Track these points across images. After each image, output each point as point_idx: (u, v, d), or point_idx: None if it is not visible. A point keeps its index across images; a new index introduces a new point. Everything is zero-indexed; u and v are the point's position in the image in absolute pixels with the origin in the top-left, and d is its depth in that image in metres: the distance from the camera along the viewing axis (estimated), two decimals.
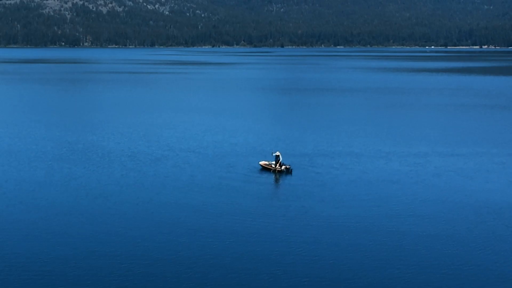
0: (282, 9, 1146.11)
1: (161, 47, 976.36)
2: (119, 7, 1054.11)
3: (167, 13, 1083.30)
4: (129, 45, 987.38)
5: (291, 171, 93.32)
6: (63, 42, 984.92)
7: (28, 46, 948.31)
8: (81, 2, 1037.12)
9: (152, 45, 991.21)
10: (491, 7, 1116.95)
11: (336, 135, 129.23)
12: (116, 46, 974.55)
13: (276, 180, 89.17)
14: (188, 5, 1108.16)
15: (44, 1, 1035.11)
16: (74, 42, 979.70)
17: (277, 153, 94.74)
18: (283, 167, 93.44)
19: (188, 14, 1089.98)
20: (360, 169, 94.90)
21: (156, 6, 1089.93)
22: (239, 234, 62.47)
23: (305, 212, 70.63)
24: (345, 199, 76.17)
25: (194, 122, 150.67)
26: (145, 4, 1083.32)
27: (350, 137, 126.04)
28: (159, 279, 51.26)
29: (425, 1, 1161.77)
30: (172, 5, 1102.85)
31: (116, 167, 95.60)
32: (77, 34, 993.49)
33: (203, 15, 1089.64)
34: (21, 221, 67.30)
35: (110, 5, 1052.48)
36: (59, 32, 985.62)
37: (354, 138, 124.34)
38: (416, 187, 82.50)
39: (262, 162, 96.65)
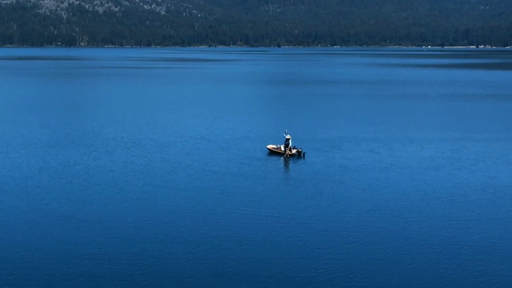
0: (278, 9, 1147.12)
1: (158, 47, 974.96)
2: (116, 7, 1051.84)
3: (163, 13, 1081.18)
4: (126, 45, 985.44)
5: (303, 154, 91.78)
6: (59, 42, 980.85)
7: (24, 46, 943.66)
8: (77, 2, 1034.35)
9: (149, 45, 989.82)
10: (487, 7, 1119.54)
11: (342, 122, 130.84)
12: (113, 46, 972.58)
13: (287, 164, 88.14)
14: (185, 5, 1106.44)
15: (40, 1, 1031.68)
16: (70, 42, 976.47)
17: (288, 136, 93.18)
18: (294, 151, 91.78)
19: (184, 14, 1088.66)
20: (369, 154, 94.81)
21: (153, 6, 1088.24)
22: (257, 220, 61.35)
23: (320, 195, 70.39)
24: (362, 184, 76.24)
25: (199, 111, 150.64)
26: (141, 4, 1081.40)
27: (355, 124, 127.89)
28: (173, 262, 50.56)
29: (421, 1, 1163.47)
30: (168, 5, 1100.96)
31: (122, 154, 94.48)
32: (73, 34, 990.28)
33: (199, 15, 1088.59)
34: (34, 207, 66.14)
35: (106, 5, 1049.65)
36: (55, 32, 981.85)
37: (359, 125, 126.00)
38: (427, 172, 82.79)
39: (270, 146, 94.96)
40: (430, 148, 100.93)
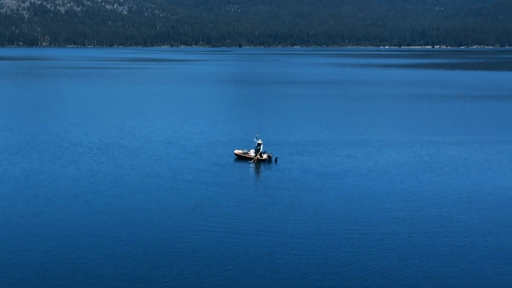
0: (239, 10, 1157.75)
1: (120, 46, 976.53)
2: (77, 6, 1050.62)
3: (125, 13, 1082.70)
4: (88, 45, 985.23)
5: (276, 159, 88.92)
6: (20, 41, 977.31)
7: None
8: (39, 2, 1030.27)
9: (111, 44, 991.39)
10: (442, 8, 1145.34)
11: (312, 125, 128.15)
12: (75, 46, 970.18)
13: (258, 171, 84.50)
14: (147, 5, 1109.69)
15: (2, 1, 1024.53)
16: (32, 42, 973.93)
17: (260, 141, 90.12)
18: (265, 156, 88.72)
19: (146, 14, 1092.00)
20: (345, 160, 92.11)
21: (115, 6, 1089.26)
22: (230, 234, 58.16)
23: (297, 207, 67.22)
24: (341, 193, 73.26)
25: (165, 113, 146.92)
26: (103, 4, 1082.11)
27: (326, 126, 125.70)
28: (141, 276, 48.79)
29: (379, 2, 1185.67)
30: (130, 5, 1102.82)
31: (89, 161, 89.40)
32: (35, 33, 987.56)
33: (161, 15, 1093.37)
34: None
35: (68, 4, 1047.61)
36: (17, 32, 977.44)
37: (330, 127, 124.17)
38: (407, 179, 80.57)
39: (237, 151, 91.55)
40: (407, 152, 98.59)
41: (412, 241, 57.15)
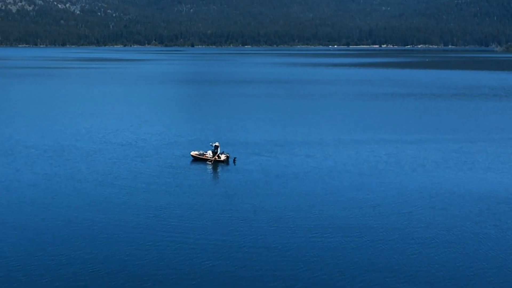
0: (191, 10, 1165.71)
1: (73, 46, 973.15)
2: (29, 6, 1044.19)
3: (78, 12, 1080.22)
4: (40, 45, 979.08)
5: (234, 160, 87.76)
6: None
7: None
8: None
9: (63, 44, 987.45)
10: (389, 8, 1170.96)
11: (268, 124, 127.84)
12: (27, 46, 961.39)
13: (216, 172, 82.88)
14: (99, 4, 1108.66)
15: None
16: None
17: (216, 143, 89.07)
18: (223, 156, 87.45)
19: (99, 13, 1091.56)
20: (305, 160, 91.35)
21: (67, 5, 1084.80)
22: (188, 244, 55.55)
23: (258, 210, 65.52)
24: (303, 194, 72.31)
25: (120, 113, 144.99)
26: (55, 3, 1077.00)
27: (282, 126, 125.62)
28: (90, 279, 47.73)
29: (327, 2, 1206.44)
30: (83, 5, 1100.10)
31: (45, 165, 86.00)
32: None
33: (114, 14, 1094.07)
34: None
35: (19, 3, 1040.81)
36: None
37: (286, 127, 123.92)
38: (368, 179, 79.77)
39: (194, 152, 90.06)
40: (365, 151, 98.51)
41: (377, 242, 56.56)
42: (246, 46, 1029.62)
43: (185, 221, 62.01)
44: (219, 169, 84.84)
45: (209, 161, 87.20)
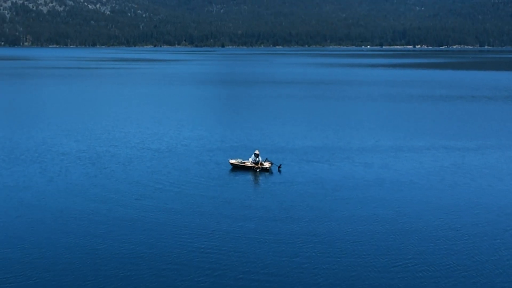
0: (222, 10, 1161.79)
1: (103, 46, 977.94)
2: (60, 6, 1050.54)
3: (108, 12, 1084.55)
4: (70, 45, 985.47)
5: (279, 167, 79.90)
6: (2, 41, 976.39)
7: None
8: (21, 1, 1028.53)
9: (94, 45, 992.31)
10: (423, 8, 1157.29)
11: (310, 128, 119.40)
12: (57, 46, 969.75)
13: (257, 182, 74.39)
14: (130, 5, 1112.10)
15: None
16: (13, 42, 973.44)
17: (256, 151, 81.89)
18: (267, 164, 79.78)
19: (129, 14, 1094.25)
20: (359, 168, 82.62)
21: (97, 5, 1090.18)
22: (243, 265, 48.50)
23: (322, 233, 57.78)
24: (357, 199, 65.91)
25: (153, 117, 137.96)
26: (86, 3, 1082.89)
27: (325, 130, 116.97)
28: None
29: (360, 2, 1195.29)
30: (113, 5, 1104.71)
31: (80, 175, 78.16)
32: (17, 33, 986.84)
33: (144, 15, 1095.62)
34: None
35: (50, 4, 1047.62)
36: None
37: (330, 131, 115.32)
38: (422, 189, 71.44)
39: (233, 161, 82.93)
40: (428, 160, 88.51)
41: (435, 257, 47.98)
42: (277, 47, 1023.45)
43: (235, 236, 53.54)
44: (264, 178, 76.48)
45: (256, 169, 79.88)
